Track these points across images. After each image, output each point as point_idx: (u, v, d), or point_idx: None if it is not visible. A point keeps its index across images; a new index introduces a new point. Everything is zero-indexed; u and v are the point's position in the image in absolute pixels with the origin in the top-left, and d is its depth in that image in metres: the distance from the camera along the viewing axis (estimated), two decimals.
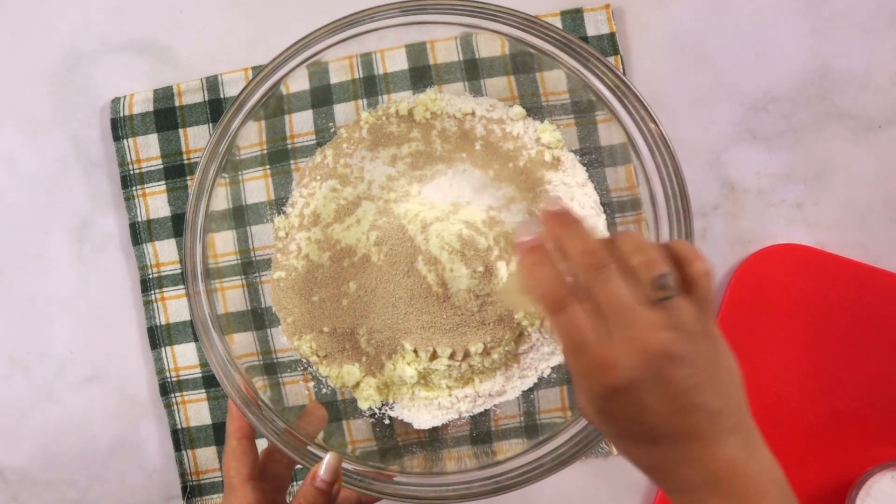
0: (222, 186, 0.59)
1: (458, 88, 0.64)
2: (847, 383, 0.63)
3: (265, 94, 0.57)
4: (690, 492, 0.41)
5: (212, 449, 0.66)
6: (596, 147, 0.63)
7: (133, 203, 0.66)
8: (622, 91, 0.55)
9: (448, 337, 0.60)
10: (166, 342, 0.66)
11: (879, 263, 0.64)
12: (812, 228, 0.65)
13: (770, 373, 0.63)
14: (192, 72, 0.67)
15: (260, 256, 0.65)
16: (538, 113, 0.64)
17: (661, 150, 0.55)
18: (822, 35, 0.65)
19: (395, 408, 0.64)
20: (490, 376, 0.62)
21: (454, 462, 0.62)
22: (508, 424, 0.64)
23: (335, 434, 0.64)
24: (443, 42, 0.64)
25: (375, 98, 0.65)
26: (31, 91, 0.68)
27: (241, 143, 0.60)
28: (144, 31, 0.67)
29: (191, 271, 0.57)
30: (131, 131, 0.66)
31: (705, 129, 0.65)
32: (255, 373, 0.61)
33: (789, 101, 0.65)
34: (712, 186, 0.65)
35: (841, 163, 0.65)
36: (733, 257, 0.65)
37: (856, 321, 0.63)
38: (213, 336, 0.57)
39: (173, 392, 0.66)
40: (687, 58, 0.65)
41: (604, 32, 0.64)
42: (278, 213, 0.65)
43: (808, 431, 0.63)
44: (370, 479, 0.56)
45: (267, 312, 0.64)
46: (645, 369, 0.40)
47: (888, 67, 0.64)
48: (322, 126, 0.65)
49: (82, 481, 0.68)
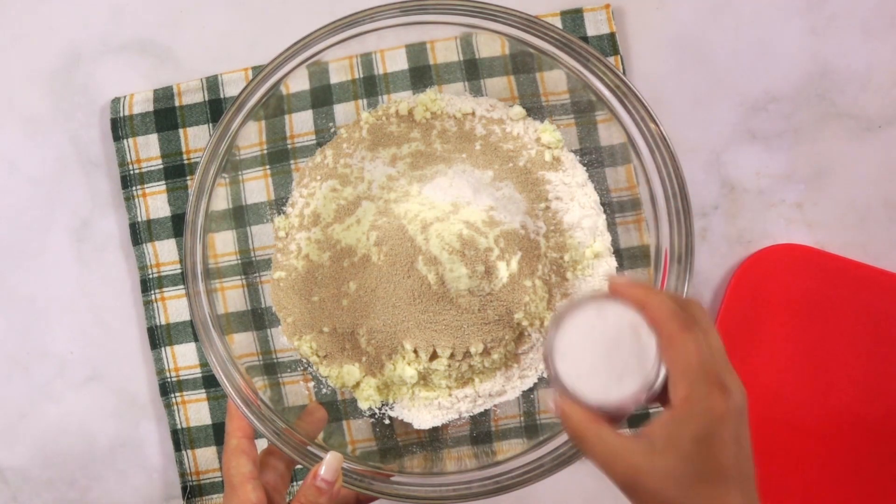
0: (222, 186, 0.59)
1: (458, 88, 0.64)
2: (847, 383, 0.63)
3: (265, 94, 0.57)
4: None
5: (212, 449, 0.66)
6: (596, 147, 0.63)
7: (133, 203, 0.66)
8: (622, 91, 0.55)
9: (448, 337, 0.60)
10: (166, 342, 0.66)
11: (879, 263, 0.64)
12: (812, 228, 0.65)
13: (770, 373, 0.63)
14: (192, 72, 0.67)
15: (260, 256, 0.65)
16: (538, 113, 0.64)
17: (661, 150, 0.55)
18: (822, 35, 0.65)
19: (395, 408, 0.64)
20: (490, 376, 0.62)
21: (454, 462, 0.62)
22: (508, 424, 0.64)
23: (335, 434, 0.64)
24: (443, 42, 0.64)
25: (375, 98, 0.65)
26: (31, 91, 0.68)
27: (241, 143, 0.60)
28: (144, 31, 0.67)
29: (191, 271, 0.57)
30: (131, 131, 0.66)
31: (705, 129, 0.65)
32: (255, 373, 0.61)
33: (789, 101, 0.65)
34: (712, 186, 0.65)
35: (841, 163, 0.65)
36: (733, 257, 0.65)
37: (856, 321, 0.63)
38: (213, 336, 0.57)
39: (173, 392, 0.66)
40: (687, 58, 0.65)
41: (604, 32, 0.64)
42: (278, 213, 0.65)
43: (808, 431, 0.63)
44: (370, 479, 0.56)
45: (267, 312, 0.65)
46: (744, 402, 0.42)
47: (888, 67, 0.64)
48: (322, 126, 0.65)
49: (82, 481, 0.68)
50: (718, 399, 0.42)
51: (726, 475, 0.42)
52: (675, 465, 0.42)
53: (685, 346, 0.42)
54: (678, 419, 0.42)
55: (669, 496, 0.42)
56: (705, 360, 0.42)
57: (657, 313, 0.44)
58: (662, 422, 0.43)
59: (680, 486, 0.42)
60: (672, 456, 0.42)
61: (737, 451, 0.42)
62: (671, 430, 0.42)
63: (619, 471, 0.43)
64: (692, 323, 0.43)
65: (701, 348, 0.42)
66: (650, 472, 0.42)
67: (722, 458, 0.42)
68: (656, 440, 0.42)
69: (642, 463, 0.42)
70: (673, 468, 0.42)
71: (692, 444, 0.41)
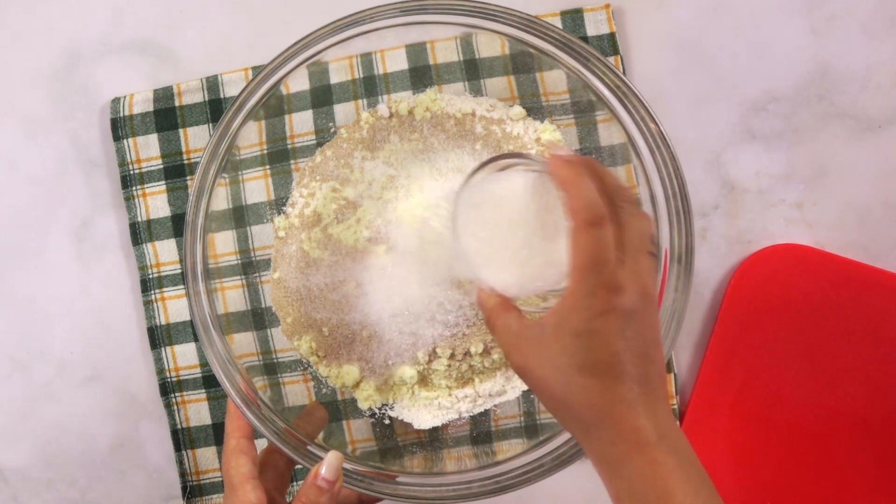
0: (222, 186, 0.59)
1: (458, 88, 0.64)
2: (847, 383, 0.63)
3: (265, 94, 0.57)
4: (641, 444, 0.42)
5: (212, 449, 0.66)
6: (596, 147, 0.63)
7: (133, 203, 0.66)
8: (622, 91, 0.55)
9: (448, 337, 0.60)
10: (166, 342, 0.66)
11: (879, 263, 0.64)
12: (812, 228, 0.65)
13: (769, 373, 0.63)
14: (192, 72, 0.67)
15: (260, 256, 0.65)
16: (538, 113, 0.64)
17: (661, 150, 0.55)
18: (822, 35, 0.65)
19: (396, 408, 0.64)
20: (490, 376, 0.62)
21: (454, 462, 0.62)
22: (508, 424, 0.64)
23: (335, 434, 0.64)
24: (443, 42, 0.64)
25: (375, 98, 0.65)
26: (31, 91, 0.68)
27: (241, 143, 0.60)
28: (144, 31, 0.67)
29: (191, 271, 0.57)
30: (131, 131, 0.66)
31: (705, 129, 0.65)
32: (255, 373, 0.61)
33: (789, 101, 0.65)
34: (712, 186, 0.65)
35: (841, 163, 0.65)
36: (733, 257, 0.65)
37: (856, 321, 0.63)
38: (213, 336, 0.57)
39: (173, 392, 0.66)
40: (687, 58, 0.65)
41: (604, 32, 0.64)
42: (278, 213, 0.65)
43: (808, 431, 0.63)
44: (370, 479, 0.56)
45: (267, 312, 0.65)
46: (640, 304, 0.43)
47: (888, 67, 0.64)
48: (322, 126, 0.65)
49: (82, 481, 0.68)
50: (602, 297, 0.42)
51: (614, 370, 0.42)
52: (557, 354, 0.43)
53: (582, 242, 0.43)
54: (562, 311, 0.43)
55: (551, 383, 0.44)
56: (599, 259, 0.42)
57: (573, 202, 0.43)
58: (553, 311, 0.44)
59: (561, 375, 0.43)
60: (555, 346, 0.43)
61: (624, 347, 0.42)
62: (557, 320, 0.43)
63: (513, 358, 0.45)
64: (602, 218, 0.43)
65: (599, 246, 0.42)
66: (537, 359, 0.44)
67: (601, 353, 0.42)
68: (546, 329, 0.44)
69: (531, 351, 0.44)
70: (555, 357, 0.43)
71: (571, 337, 0.43)
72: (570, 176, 0.44)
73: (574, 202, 0.43)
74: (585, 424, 0.43)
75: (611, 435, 0.42)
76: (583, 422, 0.43)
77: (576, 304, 0.43)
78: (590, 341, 0.42)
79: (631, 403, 0.42)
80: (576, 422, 0.44)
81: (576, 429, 0.45)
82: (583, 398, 0.43)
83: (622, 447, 0.42)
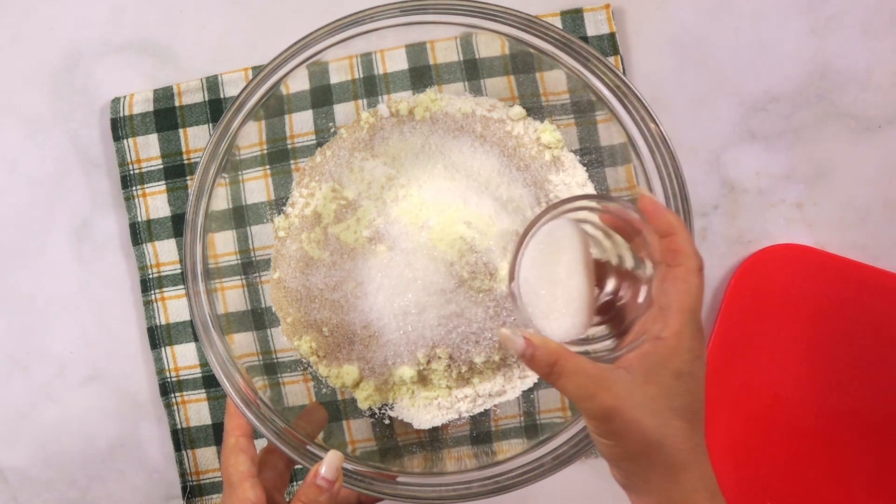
0: (222, 186, 0.59)
1: (458, 88, 0.64)
2: (847, 383, 0.63)
3: (265, 94, 0.57)
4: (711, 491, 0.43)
5: (212, 449, 0.66)
6: (596, 147, 0.63)
7: (133, 203, 0.66)
8: (622, 91, 0.55)
9: (448, 336, 0.59)
10: (166, 342, 0.66)
11: (879, 263, 0.64)
12: (812, 228, 0.65)
13: (770, 373, 0.63)
14: (192, 72, 0.67)
15: (260, 256, 0.65)
16: (538, 113, 0.64)
17: (661, 150, 0.55)
18: (822, 35, 0.65)
19: (395, 408, 0.64)
20: (490, 376, 0.62)
21: (454, 462, 0.62)
22: (508, 424, 0.64)
23: (335, 434, 0.64)
24: (443, 42, 0.64)
25: (375, 98, 0.65)
26: (31, 91, 0.68)
27: (241, 143, 0.60)
28: (144, 31, 0.67)
29: (191, 271, 0.57)
30: (131, 131, 0.66)
31: (705, 129, 0.65)
32: (255, 373, 0.61)
33: (789, 101, 0.65)
34: (712, 186, 0.65)
35: (841, 163, 0.65)
36: (733, 257, 0.65)
37: (856, 321, 0.63)
38: (213, 336, 0.57)
39: (173, 392, 0.66)
40: (687, 58, 0.65)
41: (604, 32, 0.64)
42: (278, 213, 0.65)
43: (808, 431, 0.63)
44: (370, 479, 0.56)
45: (267, 312, 0.65)
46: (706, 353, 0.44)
47: (888, 67, 0.64)
48: (322, 126, 0.65)
49: (82, 481, 0.68)
50: (700, 340, 0.43)
51: (699, 415, 0.44)
52: (655, 397, 0.43)
53: (693, 285, 0.43)
54: (663, 353, 0.43)
55: (646, 426, 0.43)
56: (701, 304, 0.44)
57: (685, 246, 0.44)
58: (643, 353, 0.43)
59: (658, 418, 0.43)
60: (650, 388, 0.43)
61: (702, 392, 0.44)
62: (654, 362, 0.43)
63: (598, 400, 0.43)
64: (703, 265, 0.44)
65: (702, 292, 0.44)
66: (631, 401, 0.43)
67: (697, 396, 0.43)
68: (635, 371, 0.43)
69: (623, 393, 0.43)
70: (652, 400, 0.43)
71: (671, 379, 0.43)
72: (677, 221, 0.44)
73: (687, 247, 0.44)
74: (674, 468, 0.43)
75: (693, 480, 0.43)
76: (672, 466, 0.43)
77: (679, 345, 0.43)
78: (689, 384, 0.43)
79: (705, 450, 0.44)
80: (663, 466, 0.43)
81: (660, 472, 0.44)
82: (678, 441, 0.43)
83: (703, 493, 0.43)
